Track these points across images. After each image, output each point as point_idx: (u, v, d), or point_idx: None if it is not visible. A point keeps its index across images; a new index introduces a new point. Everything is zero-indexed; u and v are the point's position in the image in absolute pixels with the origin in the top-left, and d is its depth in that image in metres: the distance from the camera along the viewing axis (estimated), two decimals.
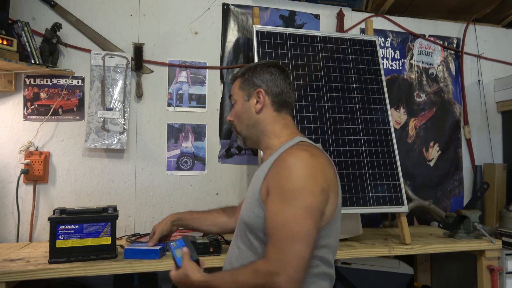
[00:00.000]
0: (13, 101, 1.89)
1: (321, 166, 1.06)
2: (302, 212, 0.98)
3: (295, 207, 0.98)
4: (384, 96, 2.03)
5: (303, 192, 1.00)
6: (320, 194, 1.01)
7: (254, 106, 1.22)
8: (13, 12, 1.86)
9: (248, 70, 1.26)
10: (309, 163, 1.04)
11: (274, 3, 2.26)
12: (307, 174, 1.02)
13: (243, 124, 1.25)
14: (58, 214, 1.47)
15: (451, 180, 2.48)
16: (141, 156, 2.02)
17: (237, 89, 1.27)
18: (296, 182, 1.01)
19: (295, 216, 0.98)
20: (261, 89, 1.21)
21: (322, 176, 1.04)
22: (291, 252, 0.95)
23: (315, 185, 1.01)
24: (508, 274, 1.92)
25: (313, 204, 0.99)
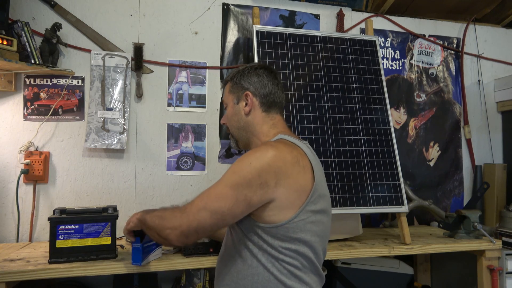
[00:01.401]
0: (13, 101, 1.89)
1: (277, 159, 1.05)
2: (220, 191, 1.05)
3: (221, 185, 1.06)
4: (384, 96, 2.03)
5: (233, 176, 1.05)
6: (256, 185, 1.02)
7: (243, 108, 1.25)
8: (13, 12, 1.86)
9: (237, 73, 1.29)
10: (262, 155, 1.06)
11: (274, 3, 2.26)
12: (253, 164, 1.04)
13: (233, 126, 1.29)
14: (58, 214, 1.47)
15: (451, 180, 2.48)
16: (141, 156, 2.02)
17: (227, 93, 1.30)
18: (237, 166, 1.07)
19: (215, 191, 1.06)
20: (249, 91, 1.24)
21: (270, 169, 1.04)
22: (194, 210, 1.04)
23: (254, 175, 1.03)
24: (508, 274, 1.92)
25: (239, 186, 1.03)
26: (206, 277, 1.76)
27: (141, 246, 1.34)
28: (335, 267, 1.95)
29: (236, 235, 1.14)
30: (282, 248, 1.06)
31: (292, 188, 1.06)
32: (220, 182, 1.06)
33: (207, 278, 1.76)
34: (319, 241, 1.11)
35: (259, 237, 1.08)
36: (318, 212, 1.10)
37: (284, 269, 1.07)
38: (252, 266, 1.09)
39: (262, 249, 1.08)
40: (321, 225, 1.12)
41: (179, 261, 1.51)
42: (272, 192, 1.03)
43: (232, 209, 1.03)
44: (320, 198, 1.11)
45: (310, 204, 1.08)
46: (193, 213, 1.04)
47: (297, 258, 1.07)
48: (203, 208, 1.03)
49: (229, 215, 1.04)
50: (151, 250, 1.45)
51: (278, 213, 1.05)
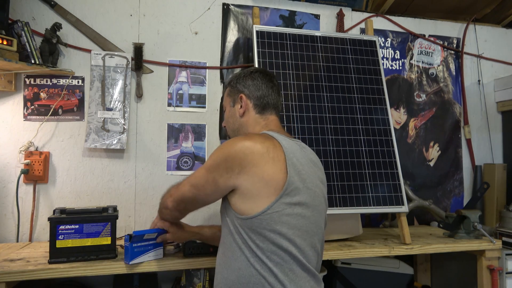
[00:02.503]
0: (13, 101, 1.89)
1: (246, 148, 1.10)
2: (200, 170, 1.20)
3: (201, 167, 1.20)
4: (384, 96, 2.03)
5: (209, 159, 1.17)
6: (222, 169, 1.12)
7: (238, 110, 1.31)
8: (13, 12, 1.86)
9: (234, 77, 1.37)
10: (234, 143, 1.13)
11: (274, 3, 2.26)
12: (223, 150, 1.14)
13: (230, 128, 1.36)
14: (58, 214, 1.47)
15: (451, 180, 2.48)
16: (141, 156, 2.02)
17: (226, 96, 1.38)
18: (214, 151, 1.18)
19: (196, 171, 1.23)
20: (243, 94, 1.31)
21: (236, 155, 1.10)
22: (182, 187, 1.24)
23: (222, 159, 1.13)
24: (508, 274, 1.92)
25: (210, 168, 1.15)
26: (206, 277, 1.76)
27: (130, 246, 1.41)
28: (335, 267, 1.95)
29: (225, 229, 1.18)
30: (260, 241, 1.08)
31: (257, 177, 1.09)
32: (202, 165, 1.21)
33: (207, 278, 1.76)
34: (300, 235, 1.10)
35: (241, 230, 1.11)
36: (296, 204, 1.10)
37: (264, 265, 1.07)
38: (238, 260, 1.11)
39: (245, 243, 1.10)
40: (301, 219, 1.11)
41: (179, 261, 1.51)
42: (235, 178, 1.11)
43: (204, 186, 1.17)
44: (298, 191, 1.11)
45: (285, 196, 1.09)
46: (181, 186, 1.25)
47: (277, 252, 1.07)
48: (187, 183, 1.23)
49: (202, 192, 1.19)
50: (145, 251, 1.46)
51: (246, 201, 1.10)
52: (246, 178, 1.09)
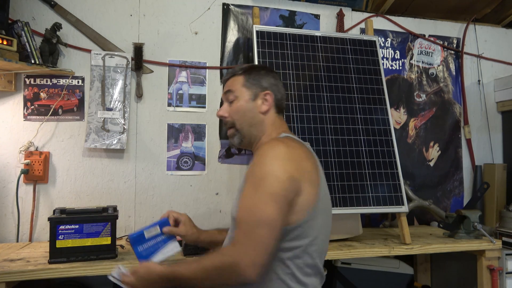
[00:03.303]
0: (13, 101, 1.89)
1: (295, 156, 1.08)
2: (266, 197, 1.00)
3: (261, 193, 1.01)
4: (384, 96, 2.03)
5: (270, 178, 1.02)
6: (288, 181, 1.02)
7: (260, 106, 1.24)
8: (13, 12, 1.86)
9: (252, 69, 1.28)
10: (281, 152, 1.07)
11: (274, 3, 2.26)
12: (276, 162, 1.04)
13: (245, 122, 1.24)
14: (58, 214, 1.47)
15: (451, 180, 2.48)
16: (141, 156, 2.02)
17: (240, 86, 1.25)
18: (264, 168, 1.04)
19: (260, 201, 1.00)
20: (270, 91, 1.25)
21: (293, 165, 1.05)
22: (255, 236, 0.97)
23: (283, 172, 1.02)
24: (508, 274, 1.92)
25: (278, 190, 1.00)
26: None
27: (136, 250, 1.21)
28: (335, 267, 1.95)
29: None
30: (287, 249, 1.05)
31: (309, 184, 1.07)
32: (251, 194, 1.02)
33: None
34: (323, 240, 1.13)
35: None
36: (324, 210, 1.12)
37: (287, 269, 1.06)
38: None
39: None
40: (326, 224, 1.14)
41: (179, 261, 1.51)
42: (300, 187, 1.05)
43: (281, 208, 1.00)
44: (325, 196, 1.14)
45: (319, 201, 1.10)
46: (252, 239, 0.97)
47: (301, 257, 1.07)
48: (256, 227, 0.97)
49: (281, 218, 1.01)
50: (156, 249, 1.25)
51: (299, 210, 1.05)
52: (308, 188, 1.08)
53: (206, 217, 2.08)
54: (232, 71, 1.30)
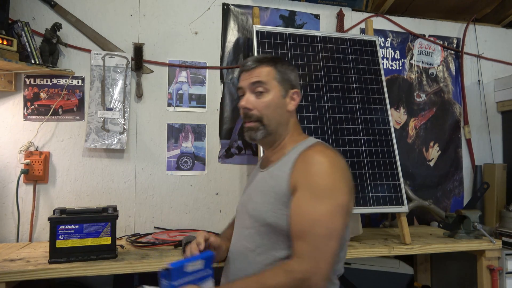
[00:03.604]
0: (13, 101, 1.89)
1: (345, 165, 1.09)
2: (335, 209, 0.99)
3: (329, 204, 0.99)
4: (384, 96, 2.03)
5: (336, 190, 1.01)
6: (349, 192, 1.04)
7: (289, 104, 1.20)
8: (13, 12, 1.86)
9: (279, 62, 1.21)
10: (337, 162, 1.07)
11: (274, 3, 2.26)
12: (337, 173, 1.04)
13: (274, 119, 1.18)
14: (58, 214, 1.47)
15: (451, 180, 2.48)
16: (141, 156, 2.02)
17: (272, 79, 1.18)
18: (328, 179, 1.02)
19: (329, 212, 0.99)
20: (298, 90, 1.22)
21: (348, 175, 1.07)
22: (326, 248, 0.96)
23: (345, 184, 1.04)
24: (508, 274, 1.91)
25: (343, 202, 1.01)
26: None
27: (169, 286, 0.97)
28: None
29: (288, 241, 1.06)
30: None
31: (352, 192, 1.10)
32: (316, 206, 1.00)
33: None
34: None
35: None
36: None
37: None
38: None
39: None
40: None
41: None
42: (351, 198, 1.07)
43: (345, 220, 1.02)
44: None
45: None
46: (324, 252, 0.96)
47: (336, 262, 1.08)
48: (328, 239, 0.97)
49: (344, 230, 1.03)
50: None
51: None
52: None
53: (206, 217, 2.08)
54: (257, 59, 1.21)
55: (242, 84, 1.21)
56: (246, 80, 1.19)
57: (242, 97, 1.21)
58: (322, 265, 0.95)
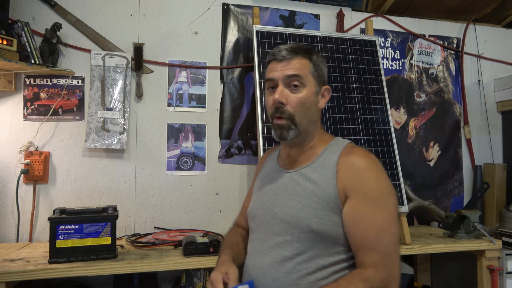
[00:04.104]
0: (13, 101, 1.89)
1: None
2: (393, 213, 1.00)
3: (387, 210, 0.99)
4: (384, 96, 2.03)
5: (389, 194, 1.01)
6: (395, 194, 1.04)
7: (321, 101, 1.14)
8: (13, 12, 1.86)
9: (316, 55, 1.13)
10: (380, 165, 1.05)
11: (274, 3, 2.26)
12: (385, 176, 1.04)
13: (307, 117, 1.10)
14: (58, 214, 1.47)
15: (451, 180, 2.48)
16: (141, 156, 2.02)
17: (308, 74, 1.09)
18: (381, 184, 1.01)
19: (389, 217, 0.99)
20: (329, 87, 1.16)
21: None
22: (395, 254, 0.97)
23: (392, 187, 1.03)
24: (508, 274, 1.91)
25: (396, 204, 1.02)
26: (206, 277, 1.76)
27: None
28: None
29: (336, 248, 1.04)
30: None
31: None
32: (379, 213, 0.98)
33: (207, 278, 1.76)
34: None
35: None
36: None
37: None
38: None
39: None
40: None
41: (179, 261, 1.51)
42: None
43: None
44: None
45: None
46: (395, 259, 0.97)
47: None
48: (395, 245, 0.98)
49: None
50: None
51: None
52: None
53: (206, 217, 2.08)
54: (293, 49, 1.10)
55: (274, 75, 1.10)
56: (280, 72, 1.09)
57: (272, 89, 1.11)
58: (396, 271, 0.96)
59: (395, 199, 1.02)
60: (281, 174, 1.18)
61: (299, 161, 1.15)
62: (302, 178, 1.10)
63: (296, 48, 1.11)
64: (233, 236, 1.29)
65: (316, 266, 1.02)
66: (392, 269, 0.95)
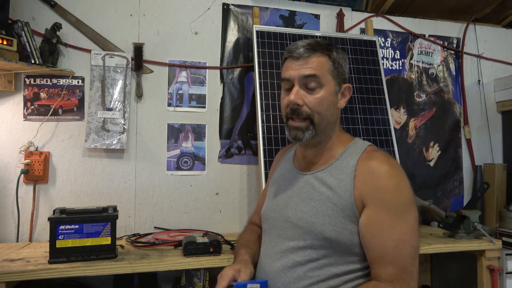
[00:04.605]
0: (13, 101, 1.89)
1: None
2: (414, 224, 0.94)
3: (408, 221, 0.94)
4: (384, 96, 2.03)
5: (410, 204, 0.96)
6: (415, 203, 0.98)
7: (340, 100, 1.07)
8: (13, 12, 1.86)
9: (336, 51, 1.06)
10: (402, 171, 0.99)
11: (274, 3, 2.26)
12: (407, 184, 0.98)
13: (325, 118, 1.04)
14: (58, 214, 1.47)
15: (451, 180, 2.48)
16: (141, 156, 2.02)
17: (327, 73, 1.03)
18: (402, 194, 0.96)
19: (409, 229, 0.93)
20: (350, 85, 1.08)
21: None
22: (413, 268, 0.92)
23: (413, 194, 0.98)
24: (508, 274, 1.92)
25: (417, 214, 0.96)
26: (206, 277, 1.76)
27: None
28: None
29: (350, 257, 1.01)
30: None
31: None
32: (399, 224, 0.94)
33: (207, 278, 1.76)
34: None
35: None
36: None
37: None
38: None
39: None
40: None
41: (179, 261, 1.51)
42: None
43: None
44: None
45: None
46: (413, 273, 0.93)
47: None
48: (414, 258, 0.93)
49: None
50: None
51: None
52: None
53: (206, 217, 2.08)
54: (310, 45, 1.03)
55: (290, 75, 1.04)
56: (296, 71, 1.03)
57: (287, 90, 1.06)
58: (413, 285, 0.92)
59: (416, 209, 0.96)
60: (296, 176, 1.13)
61: (315, 163, 1.10)
62: (317, 182, 1.06)
63: (314, 44, 1.04)
64: (249, 235, 1.26)
65: (328, 273, 0.99)
66: (409, 284, 0.91)
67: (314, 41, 1.05)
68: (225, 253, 1.60)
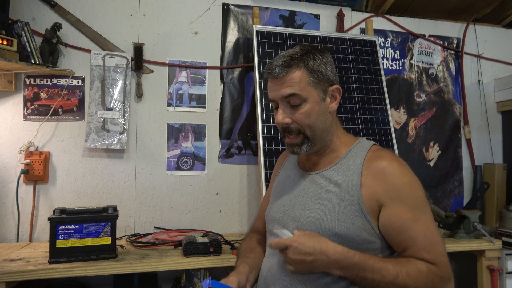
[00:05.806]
0: (13, 101, 1.89)
1: None
2: (432, 216, 1.01)
3: (429, 213, 1.00)
4: (384, 96, 2.03)
5: (426, 198, 1.03)
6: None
7: (330, 105, 1.06)
8: (13, 12, 1.86)
9: (310, 56, 1.04)
10: (410, 169, 1.04)
11: (274, 3, 2.26)
12: (417, 179, 1.03)
13: (318, 128, 1.05)
14: (58, 214, 1.47)
15: (451, 180, 2.48)
16: (141, 156, 2.02)
17: (306, 85, 1.02)
18: (419, 188, 1.02)
19: (432, 220, 1.01)
20: (338, 85, 1.07)
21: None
22: (446, 253, 0.99)
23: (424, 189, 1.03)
24: (508, 274, 1.92)
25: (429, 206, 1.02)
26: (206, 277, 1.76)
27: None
28: None
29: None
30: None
31: None
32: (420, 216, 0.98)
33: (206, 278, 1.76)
34: None
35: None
36: None
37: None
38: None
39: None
40: None
41: (179, 261, 1.51)
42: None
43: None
44: None
45: None
46: (447, 258, 1.00)
47: None
48: (444, 244, 1.00)
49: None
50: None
51: None
52: None
53: (206, 217, 2.08)
54: (284, 63, 1.02)
55: (272, 96, 1.06)
56: (277, 92, 1.04)
57: (276, 110, 1.07)
58: (450, 271, 0.99)
59: (427, 201, 1.03)
60: (302, 176, 1.13)
61: (320, 164, 1.11)
62: (324, 180, 1.06)
63: (289, 60, 1.03)
64: (248, 243, 1.25)
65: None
66: (449, 268, 0.97)
67: (288, 56, 1.04)
68: (225, 253, 1.60)
